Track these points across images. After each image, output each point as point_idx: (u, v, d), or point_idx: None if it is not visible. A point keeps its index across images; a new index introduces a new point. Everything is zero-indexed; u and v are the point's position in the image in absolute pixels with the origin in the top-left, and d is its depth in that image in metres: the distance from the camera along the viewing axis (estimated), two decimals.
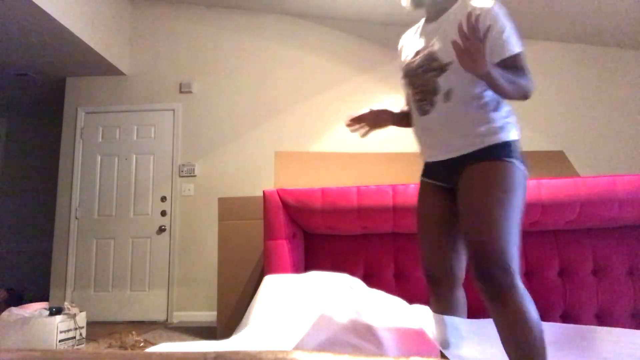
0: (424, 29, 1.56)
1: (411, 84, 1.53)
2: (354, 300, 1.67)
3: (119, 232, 4.51)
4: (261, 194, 2.52)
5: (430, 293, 1.53)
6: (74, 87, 4.80)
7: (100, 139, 4.69)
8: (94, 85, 4.78)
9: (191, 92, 4.72)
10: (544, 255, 2.52)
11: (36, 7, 3.41)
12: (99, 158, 4.66)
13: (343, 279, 1.91)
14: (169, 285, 4.39)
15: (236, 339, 1.52)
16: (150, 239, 4.49)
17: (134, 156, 4.65)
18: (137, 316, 4.34)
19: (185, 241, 4.49)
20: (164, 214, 4.52)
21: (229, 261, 3.01)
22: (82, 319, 3.12)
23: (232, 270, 2.99)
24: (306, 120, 4.61)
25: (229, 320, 2.87)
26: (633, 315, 2.44)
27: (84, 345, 3.05)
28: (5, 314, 2.90)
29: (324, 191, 2.43)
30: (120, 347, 2.86)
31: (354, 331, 1.48)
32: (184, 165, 4.59)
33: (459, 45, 1.24)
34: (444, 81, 1.43)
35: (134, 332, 3.06)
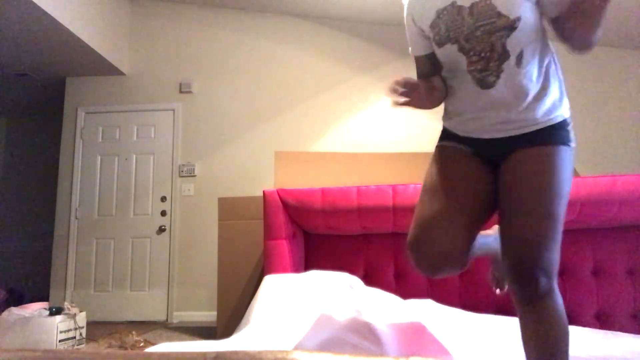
0: None
1: (465, 51, 1.24)
2: (354, 299, 1.67)
3: (119, 232, 4.51)
4: (261, 194, 2.52)
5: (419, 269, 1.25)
6: (74, 87, 4.80)
7: (100, 139, 4.69)
8: (94, 85, 4.78)
9: (191, 92, 4.72)
10: None
11: (36, 7, 3.41)
12: (99, 158, 4.66)
13: (343, 278, 1.91)
14: (169, 285, 4.39)
15: (236, 339, 1.52)
16: (150, 239, 4.49)
17: (134, 156, 4.65)
18: (137, 316, 4.34)
19: (185, 241, 4.49)
20: (164, 214, 4.52)
21: (229, 261, 3.01)
22: (82, 319, 3.12)
23: (232, 270, 2.99)
24: (306, 120, 4.61)
25: (229, 320, 2.87)
26: (633, 316, 2.44)
27: (84, 345, 3.05)
28: (5, 314, 2.90)
29: (324, 191, 2.43)
30: (120, 347, 2.86)
31: (354, 330, 1.48)
32: (184, 165, 4.59)
33: None
34: (513, 43, 1.18)
35: (134, 332, 3.06)
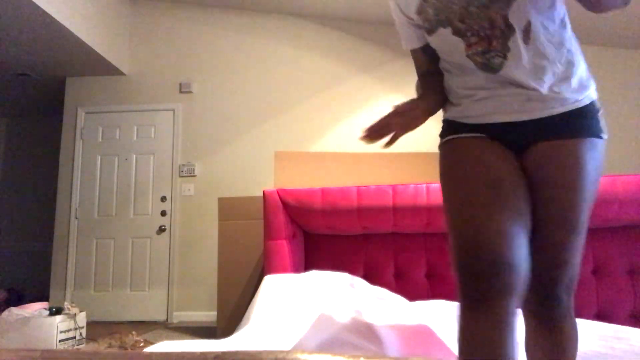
0: None
1: (461, 33, 1.02)
2: (354, 299, 1.67)
3: (119, 232, 4.51)
4: (261, 194, 2.52)
5: (471, 301, 0.91)
6: (74, 87, 4.80)
7: (100, 139, 4.69)
8: (94, 85, 4.78)
9: (191, 92, 4.72)
10: None
11: (36, 7, 3.41)
12: (99, 158, 4.66)
13: (343, 278, 1.91)
14: (169, 285, 4.39)
15: (236, 339, 1.52)
16: (150, 239, 4.49)
17: (134, 156, 4.65)
18: (137, 316, 4.34)
19: (185, 241, 4.49)
20: (164, 214, 4.52)
21: (229, 261, 3.01)
22: (82, 319, 3.12)
23: (232, 270, 2.99)
24: (306, 120, 4.61)
25: (229, 320, 2.87)
26: (633, 316, 2.44)
27: (84, 345, 3.05)
28: (5, 314, 2.90)
29: (324, 191, 2.43)
30: (120, 347, 2.86)
31: (354, 330, 1.48)
32: (184, 165, 4.59)
33: None
34: (516, 14, 0.97)
35: (134, 332, 3.06)
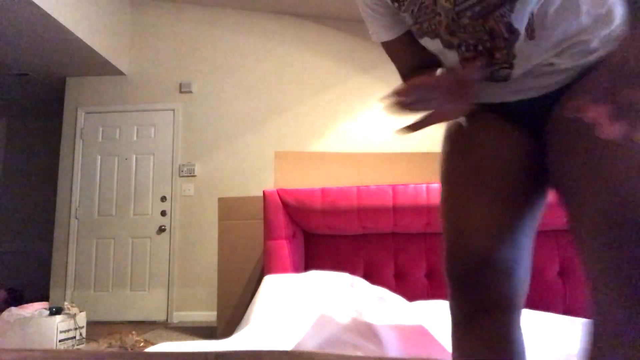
0: None
1: (454, 47, 0.84)
2: (354, 299, 1.67)
3: (119, 232, 4.51)
4: (261, 194, 2.52)
5: (460, 316, 0.86)
6: (74, 87, 4.80)
7: (100, 139, 4.69)
8: (94, 85, 4.78)
9: (191, 92, 4.72)
10: (544, 255, 2.52)
11: (36, 7, 3.41)
12: (99, 158, 4.66)
13: (343, 278, 1.91)
14: (169, 285, 4.39)
15: (236, 339, 1.52)
16: (150, 239, 4.49)
17: (134, 156, 4.65)
18: (137, 316, 4.34)
19: (185, 241, 4.49)
20: (164, 214, 4.52)
21: (229, 261, 3.01)
22: (82, 318, 3.12)
23: (232, 270, 2.99)
24: (306, 120, 4.61)
25: (229, 320, 2.87)
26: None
27: (84, 345, 3.05)
28: (5, 314, 2.90)
29: (324, 191, 2.43)
30: (120, 347, 2.86)
31: (354, 330, 1.48)
32: (184, 165, 4.59)
33: None
34: (519, 16, 0.76)
35: (134, 332, 3.06)
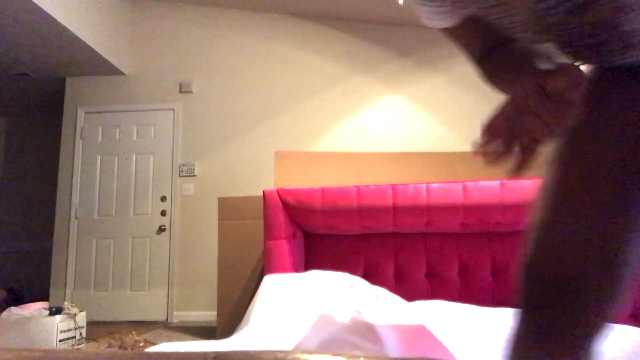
0: None
1: (547, 41, 0.71)
2: (354, 299, 1.67)
3: (119, 232, 4.51)
4: (261, 193, 2.52)
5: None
6: (74, 87, 4.80)
7: (100, 139, 4.70)
8: (94, 85, 4.78)
9: (191, 92, 4.72)
10: None
11: (36, 7, 3.41)
12: (99, 158, 4.66)
13: (343, 277, 1.91)
14: (169, 285, 4.39)
15: (236, 339, 1.52)
16: (150, 238, 4.49)
17: (134, 156, 4.65)
18: (137, 316, 4.34)
19: (185, 241, 4.49)
20: (164, 213, 4.52)
21: (229, 261, 3.01)
22: (82, 318, 3.12)
23: (232, 270, 2.99)
24: (306, 120, 4.61)
25: (229, 320, 2.87)
26: (633, 316, 2.44)
27: (84, 345, 3.05)
28: (5, 314, 2.90)
29: (324, 191, 2.43)
30: (120, 347, 2.86)
31: (354, 330, 1.48)
32: (184, 165, 4.59)
33: None
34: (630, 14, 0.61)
35: (134, 332, 3.06)
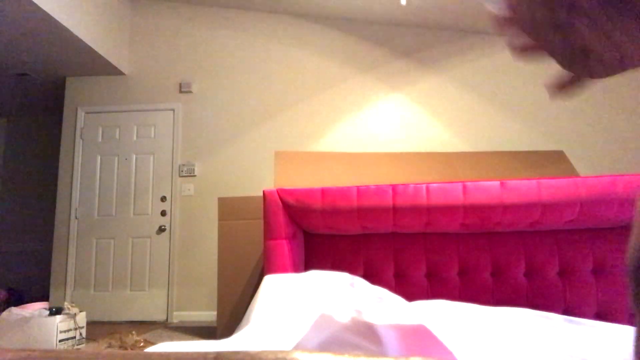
0: None
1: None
2: (354, 299, 1.67)
3: (119, 232, 4.51)
4: (261, 194, 2.52)
5: None
6: (74, 87, 4.80)
7: (100, 139, 4.70)
8: (94, 85, 4.78)
9: (191, 92, 4.72)
10: (544, 255, 2.52)
11: (36, 7, 3.41)
12: (99, 158, 4.66)
13: (344, 277, 1.91)
14: (169, 285, 4.39)
15: (236, 339, 1.52)
16: (150, 239, 4.49)
17: (134, 156, 4.65)
18: (137, 316, 4.34)
19: (185, 241, 4.49)
20: (164, 214, 4.52)
21: (229, 261, 3.01)
22: (82, 318, 3.12)
23: (232, 270, 2.99)
24: (306, 120, 4.61)
25: (229, 320, 2.87)
26: (633, 315, 2.44)
27: (84, 345, 3.05)
28: (5, 314, 2.90)
29: (324, 191, 2.43)
30: (120, 347, 2.86)
31: (354, 330, 1.48)
32: (184, 165, 4.59)
33: None
34: None
35: (134, 332, 3.06)
